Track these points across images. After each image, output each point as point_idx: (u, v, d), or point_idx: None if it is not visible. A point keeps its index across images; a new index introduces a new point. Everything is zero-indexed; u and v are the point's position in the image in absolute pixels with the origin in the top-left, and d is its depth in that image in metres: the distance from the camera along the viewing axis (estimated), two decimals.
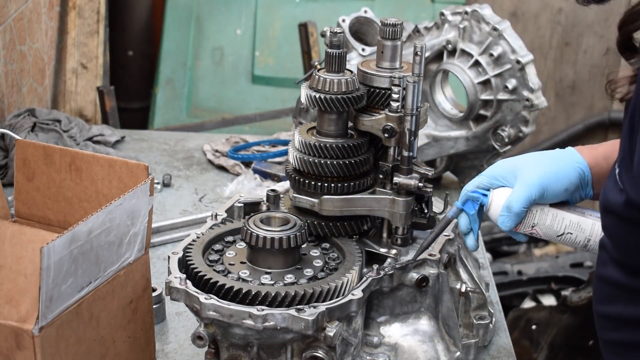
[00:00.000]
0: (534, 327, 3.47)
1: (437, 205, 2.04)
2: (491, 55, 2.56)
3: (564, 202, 1.78)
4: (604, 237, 1.57)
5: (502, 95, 2.57)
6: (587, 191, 1.78)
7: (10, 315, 1.51)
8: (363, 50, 2.67)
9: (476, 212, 1.80)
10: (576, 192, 1.77)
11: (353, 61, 2.57)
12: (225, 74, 4.54)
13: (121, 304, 1.71)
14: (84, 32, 3.55)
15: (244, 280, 1.75)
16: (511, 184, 1.77)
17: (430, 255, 1.87)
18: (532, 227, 1.76)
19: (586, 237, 1.74)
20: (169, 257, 1.78)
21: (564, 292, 3.40)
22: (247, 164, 2.89)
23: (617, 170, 1.47)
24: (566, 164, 1.76)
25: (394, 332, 1.86)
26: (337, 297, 1.71)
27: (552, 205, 1.76)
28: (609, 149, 1.79)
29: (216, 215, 1.95)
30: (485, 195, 1.79)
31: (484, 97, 2.59)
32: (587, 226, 1.73)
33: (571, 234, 1.74)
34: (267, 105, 4.35)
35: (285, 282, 1.74)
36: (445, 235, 1.94)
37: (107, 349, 1.69)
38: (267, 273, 1.77)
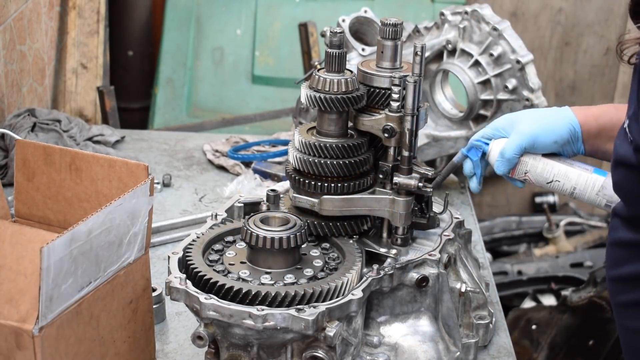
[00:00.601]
0: (534, 327, 3.47)
1: (437, 205, 2.04)
2: (491, 55, 2.56)
3: (557, 154, 1.96)
4: (617, 203, 1.66)
5: (502, 95, 2.57)
6: (578, 146, 1.94)
7: (10, 315, 1.51)
8: (363, 50, 2.67)
9: (479, 158, 1.99)
10: (567, 145, 1.93)
11: (353, 61, 2.57)
12: (225, 74, 4.53)
13: (121, 304, 1.71)
14: (84, 32, 3.55)
15: (244, 280, 1.74)
16: (509, 134, 1.95)
17: (430, 255, 1.87)
18: (525, 173, 1.95)
19: (572, 186, 1.91)
20: (169, 257, 1.78)
21: (564, 292, 3.40)
22: (247, 164, 2.89)
23: (626, 123, 1.56)
24: (558, 119, 1.93)
25: (394, 332, 1.86)
26: (337, 297, 1.71)
27: (545, 155, 1.94)
28: (600, 110, 1.93)
29: (216, 215, 1.95)
30: (487, 144, 1.98)
31: (484, 97, 2.59)
32: (574, 175, 1.91)
33: (559, 181, 1.92)
34: (267, 105, 4.34)
35: (285, 282, 1.74)
36: (445, 235, 1.95)
37: (107, 349, 1.69)
38: (267, 273, 1.77)
